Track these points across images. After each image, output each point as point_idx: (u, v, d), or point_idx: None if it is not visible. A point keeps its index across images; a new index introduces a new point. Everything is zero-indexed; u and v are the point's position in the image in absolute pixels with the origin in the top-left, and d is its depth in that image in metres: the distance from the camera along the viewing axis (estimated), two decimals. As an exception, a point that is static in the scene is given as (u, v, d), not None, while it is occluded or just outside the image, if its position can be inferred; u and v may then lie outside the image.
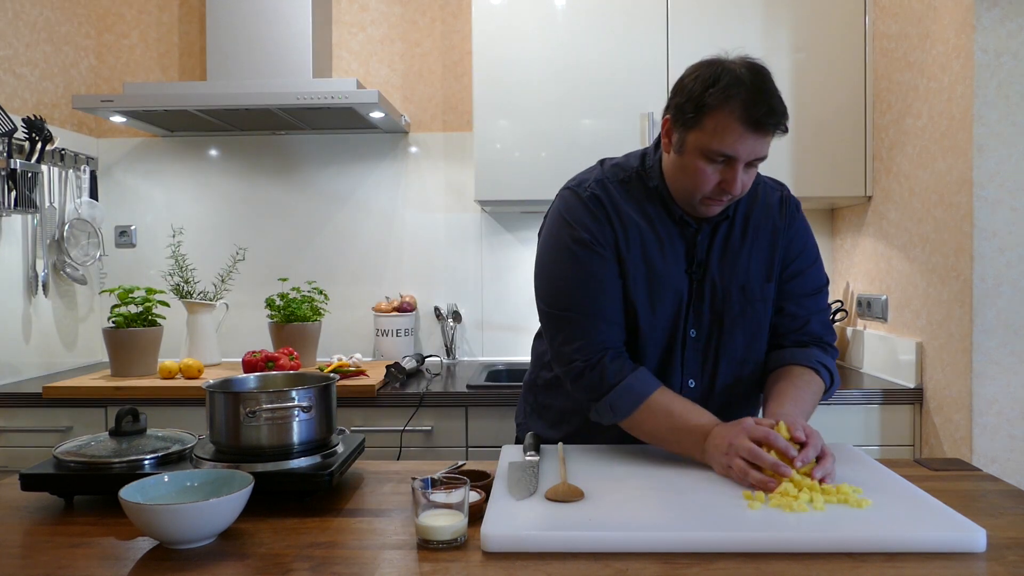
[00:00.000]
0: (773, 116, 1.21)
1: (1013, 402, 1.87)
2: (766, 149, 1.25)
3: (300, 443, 1.20)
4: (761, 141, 1.23)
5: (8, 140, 2.30)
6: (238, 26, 2.60)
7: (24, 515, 1.14)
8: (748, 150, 1.22)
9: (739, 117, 1.19)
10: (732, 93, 1.20)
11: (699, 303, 1.37)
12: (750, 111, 1.19)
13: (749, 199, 1.41)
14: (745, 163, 1.24)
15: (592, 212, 1.35)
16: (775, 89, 1.23)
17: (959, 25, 1.92)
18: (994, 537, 0.98)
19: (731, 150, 1.22)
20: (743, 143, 1.21)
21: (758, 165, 1.28)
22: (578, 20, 2.46)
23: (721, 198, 1.28)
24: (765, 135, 1.22)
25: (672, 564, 0.93)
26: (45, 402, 2.24)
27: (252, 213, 2.88)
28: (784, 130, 1.24)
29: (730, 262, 1.37)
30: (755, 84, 1.21)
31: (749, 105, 1.19)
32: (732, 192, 1.26)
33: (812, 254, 1.45)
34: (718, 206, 1.30)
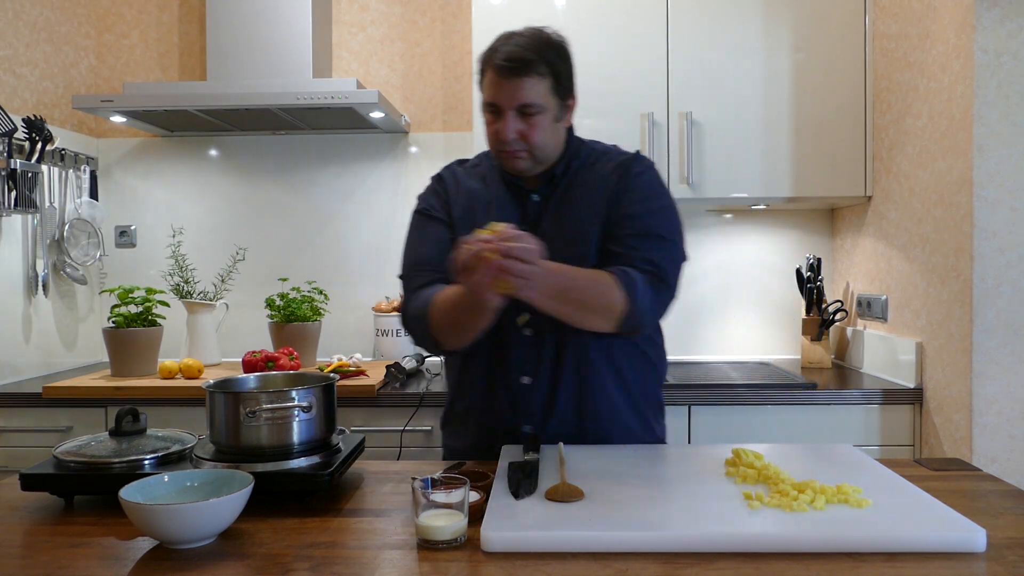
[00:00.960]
0: (512, 59, 1.32)
1: (1013, 402, 1.87)
2: (530, 95, 1.34)
3: (300, 443, 1.20)
4: (517, 86, 1.33)
5: (8, 140, 2.30)
6: (238, 26, 2.60)
7: (24, 515, 1.14)
8: (506, 96, 1.34)
9: (492, 66, 1.35)
10: (490, 48, 1.37)
11: None
12: (495, 58, 1.34)
13: (590, 167, 1.46)
14: (515, 111, 1.34)
15: (432, 188, 1.54)
16: (531, 39, 1.35)
17: (959, 25, 1.92)
18: (994, 537, 0.98)
19: (491, 98, 1.36)
20: (499, 90, 1.35)
21: (537, 115, 1.35)
22: (578, 20, 2.46)
23: (509, 149, 1.37)
24: (516, 78, 1.33)
25: (672, 564, 0.93)
26: (45, 402, 2.24)
27: (252, 213, 2.88)
28: (544, 76, 1.34)
29: (564, 215, 1.42)
30: (508, 36, 1.36)
31: (495, 53, 1.35)
32: (503, 138, 1.35)
33: (645, 204, 1.42)
34: (516, 160, 1.39)
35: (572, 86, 1.42)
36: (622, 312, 1.30)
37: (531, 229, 1.37)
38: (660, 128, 2.44)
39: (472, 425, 1.49)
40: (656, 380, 1.54)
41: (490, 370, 1.45)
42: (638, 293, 1.30)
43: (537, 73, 1.33)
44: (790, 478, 1.14)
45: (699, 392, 2.18)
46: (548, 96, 1.36)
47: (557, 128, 1.41)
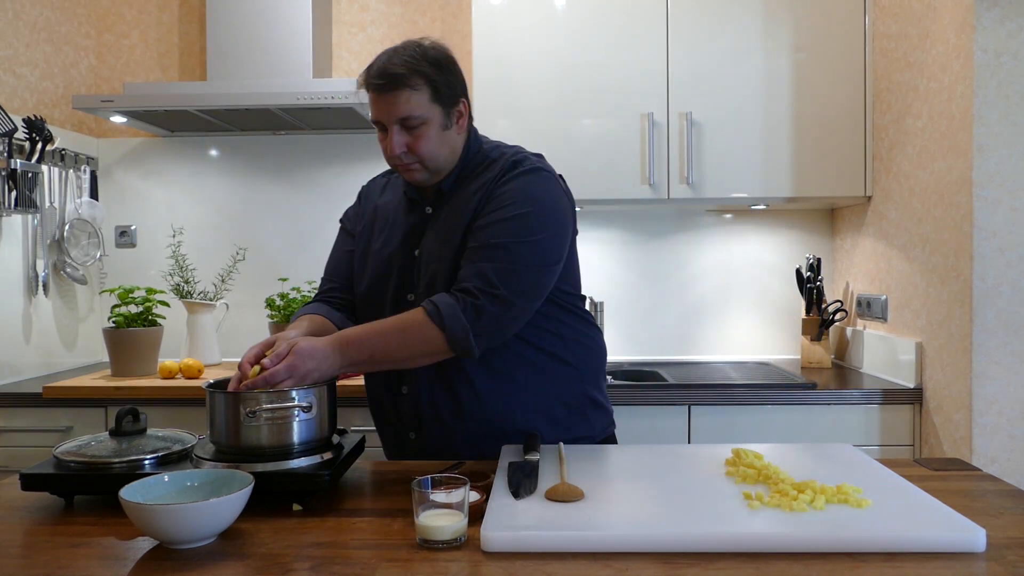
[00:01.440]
0: (381, 76, 1.33)
1: (1013, 402, 1.87)
2: (406, 109, 1.34)
3: (300, 443, 1.20)
4: (391, 101, 1.34)
5: (8, 140, 2.30)
6: (238, 26, 2.60)
7: (24, 515, 1.14)
8: (384, 111, 1.36)
9: (367, 86, 1.37)
10: (367, 66, 1.38)
11: (416, 269, 1.44)
12: (369, 78, 1.36)
13: (474, 175, 1.45)
14: (398, 125, 1.36)
15: (356, 201, 1.63)
16: (403, 54, 1.35)
17: (959, 25, 1.92)
18: (994, 537, 0.98)
19: (374, 115, 1.39)
20: (376, 106, 1.37)
21: (422, 127, 1.36)
22: (578, 20, 2.46)
23: (400, 162, 1.39)
24: (388, 93, 1.34)
25: (672, 564, 0.93)
26: (45, 402, 2.24)
27: (252, 213, 2.88)
28: (413, 87, 1.34)
29: (448, 227, 1.41)
30: (384, 52, 1.37)
31: (370, 72, 1.36)
32: (391, 152, 1.38)
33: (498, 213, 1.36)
34: (410, 172, 1.41)
35: (456, 94, 1.40)
36: (443, 344, 1.29)
37: (417, 245, 1.45)
38: (660, 128, 2.44)
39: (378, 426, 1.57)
40: (576, 378, 1.49)
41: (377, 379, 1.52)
42: (447, 320, 1.28)
43: (409, 86, 1.33)
44: (790, 478, 1.14)
45: (699, 392, 2.18)
46: (428, 106, 1.36)
47: (447, 136, 1.40)
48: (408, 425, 1.47)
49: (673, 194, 2.45)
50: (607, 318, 2.82)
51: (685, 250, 2.82)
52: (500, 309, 1.31)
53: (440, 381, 1.43)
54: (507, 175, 1.40)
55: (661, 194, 2.45)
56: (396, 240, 1.48)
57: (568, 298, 1.49)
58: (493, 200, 1.38)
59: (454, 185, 1.46)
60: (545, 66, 2.45)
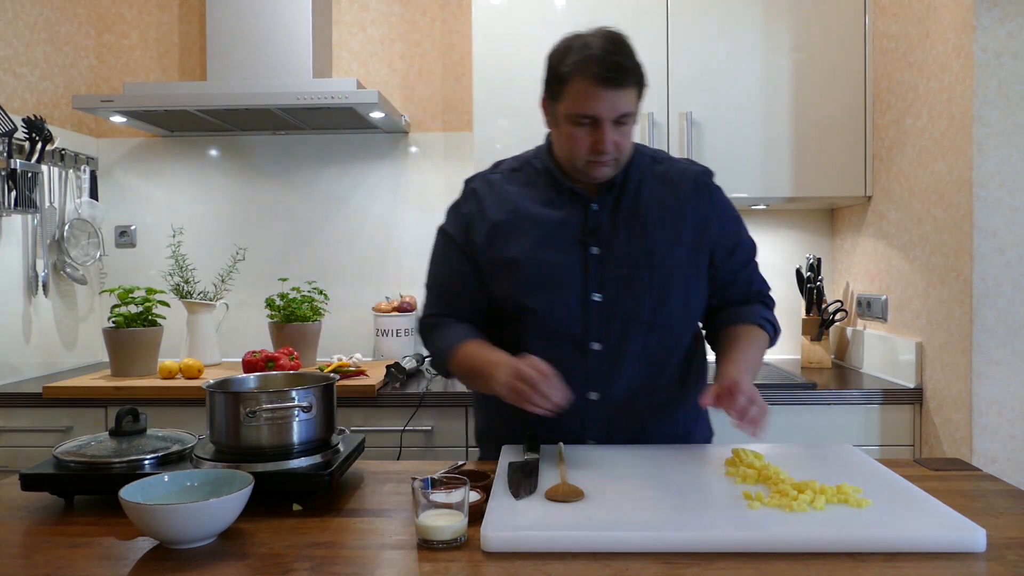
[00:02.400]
0: (620, 71, 1.28)
1: (1013, 402, 1.87)
2: (629, 105, 1.31)
3: (300, 443, 1.20)
4: (618, 97, 1.29)
5: (8, 140, 2.30)
6: (238, 26, 2.60)
7: (24, 515, 1.14)
8: (608, 107, 1.29)
9: (591, 78, 1.28)
10: (582, 57, 1.30)
11: (600, 270, 1.39)
12: (599, 70, 1.27)
13: (652, 172, 1.44)
14: (611, 122, 1.30)
15: (460, 211, 1.48)
16: (625, 48, 1.32)
17: (959, 25, 1.92)
18: (994, 537, 0.98)
19: (591, 110, 1.30)
20: (600, 102, 1.29)
21: (630, 123, 1.33)
22: (578, 20, 2.43)
23: (600, 159, 1.33)
24: (619, 90, 1.29)
25: (672, 564, 0.93)
26: (45, 402, 2.24)
27: (252, 213, 2.88)
28: (640, 84, 1.32)
29: (638, 230, 1.40)
30: (603, 46, 1.30)
31: (598, 63, 1.28)
32: (603, 151, 1.32)
33: (726, 217, 1.48)
34: (602, 168, 1.35)
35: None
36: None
37: (596, 242, 1.39)
38: (660, 128, 2.44)
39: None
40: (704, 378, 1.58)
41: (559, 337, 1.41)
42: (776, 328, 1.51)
43: (635, 83, 1.31)
44: (790, 478, 1.14)
45: (699, 392, 2.18)
46: (637, 103, 1.34)
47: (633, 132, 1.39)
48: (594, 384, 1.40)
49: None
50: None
51: (685, 250, 2.82)
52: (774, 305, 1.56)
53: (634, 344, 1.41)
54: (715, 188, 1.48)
55: (661, 194, 2.44)
56: (568, 239, 1.39)
57: None
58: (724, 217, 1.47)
59: (625, 181, 1.42)
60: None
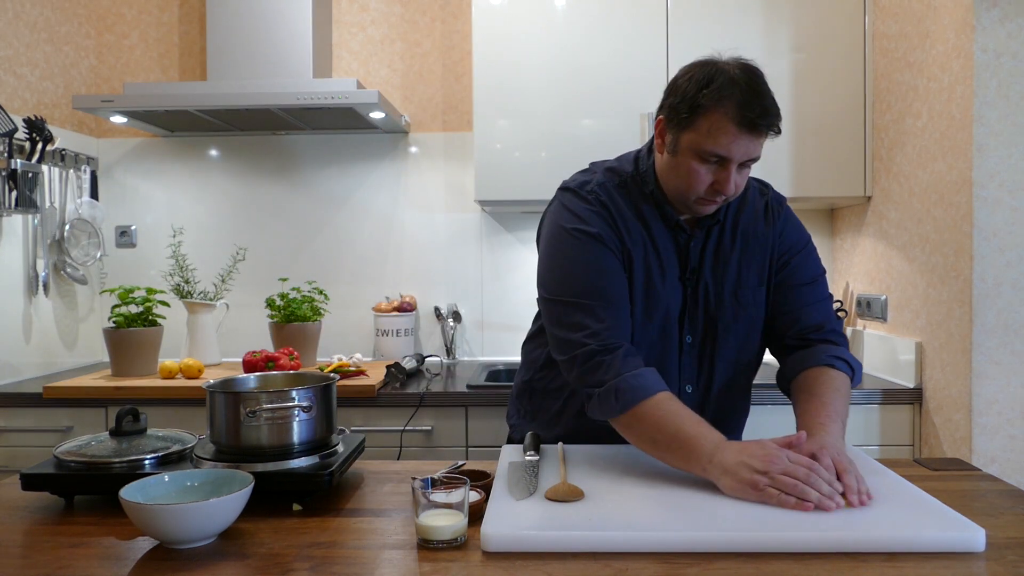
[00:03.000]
0: (767, 117, 1.21)
1: (1013, 402, 1.87)
2: (759, 150, 1.26)
3: (300, 443, 1.20)
4: (754, 142, 1.23)
5: (9, 140, 2.30)
6: (238, 26, 2.60)
7: (24, 515, 1.14)
8: (742, 151, 1.23)
9: (733, 118, 1.20)
10: (726, 93, 1.20)
11: (694, 309, 1.38)
12: (744, 112, 1.19)
13: (738, 204, 1.41)
14: (738, 164, 1.25)
15: (597, 211, 1.34)
16: (768, 90, 1.23)
17: (959, 25, 1.92)
18: (994, 537, 0.98)
19: (725, 151, 1.22)
20: (737, 144, 1.21)
21: (751, 166, 1.29)
22: (578, 20, 2.46)
23: (715, 198, 1.29)
24: (759, 136, 1.23)
25: (672, 564, 0.93)
26: (45, 402, 2.24)
27: (252, 213, 2.88)
28: (777, 131, 1.25)
29: (722, 267, 1.37)
30: (749, 85, 1.21)
31: (743, 106, 1.19)
32: (725, 192, 1.26)
33: (800, 246, 1.43)
34: (712, 206, 1.31)
35: None
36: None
37: (692, 276, 1.37)
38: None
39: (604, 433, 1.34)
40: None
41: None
42: (856, 371, 1.38)
43: (778, 130, 1.25)
44: None
45: (699, 392, 2.17)
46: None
47: None
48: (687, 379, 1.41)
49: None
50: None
51: (685, 250, 2.82)
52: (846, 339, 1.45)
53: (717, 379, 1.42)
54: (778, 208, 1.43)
55: (661, 194, 2.44)
56: (674, 275, 1.36)
57: None
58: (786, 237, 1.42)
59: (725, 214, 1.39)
60: (545, 66, 2.45)
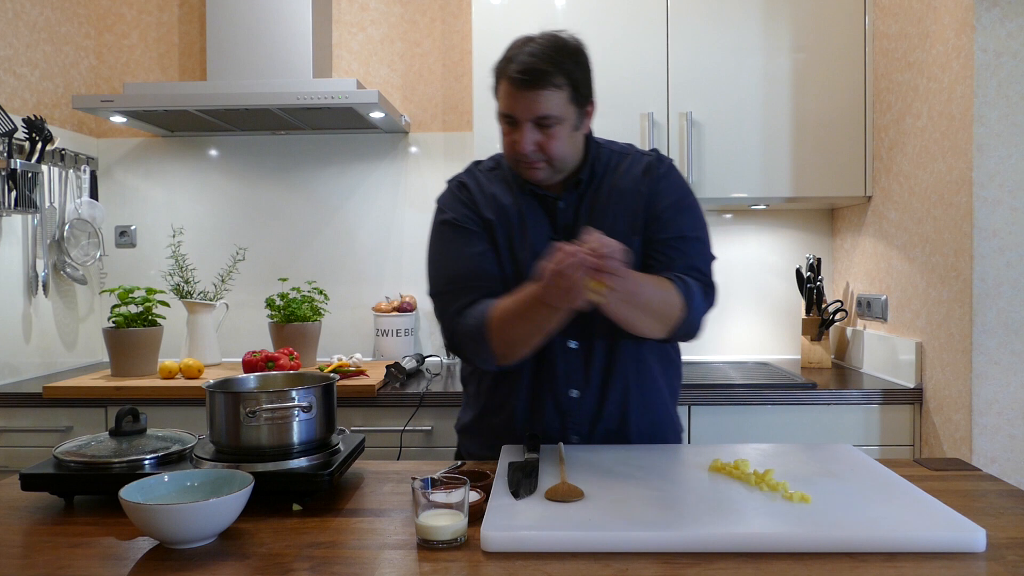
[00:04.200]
0: (532, 72, 1.28)
1: (1013, 402, 1.87)
2: (546, 107, 1.30)
3: (300, 443, 1.20)
4: (532, 98, 1.29)
5: (8, 140, 2.30)
6: (238, 26, 2.60)
7: (24, 515, 1.14)
8: (523, 108, 1.30)
9: (507, 78, 1.31)
10: (506, 57, 1.32)
11: None
12: (512, 69, 1.29)
13: (617, 165, 1.44)
14: (532, 123, 1.31)
15: (457, 196, 1.46)
16: (552, 50, 1.30)
17: (959, 25, 1.92)
18: (994, 537, 0.98)
19: (509, 110, 1.32)
20: (515, 102, 1.31)
21: (555, 126, 1.32)
22: (578, 20, 2.46)
23: (525, 160, 1.34)
24: (531, 90, 1.29)
25: (672, 564, 0.93)
26: (45, 402, 2.24)
27: (252, 213, 2.88)
28: (554, 86, 1.29)
29: (596, 223, 1.39)
30: (524, 46, 1.31)
31: (512, 64, 1.30)
32: (521, 150, 1.32)
33: (673, 202, 1.42)
34: (533, 171, 1.36)
35: (591, 92, 1.38)
36: (679, 319, 1.31)
37: (565, 238, 1.38)
38: (660, 128, 2.44)
39: (507, 436, 1.45)
40: (679, 375, 1.58)
41: (536, 383, 1.43)
42: (694, 301, 1.32)
43: (554, 84, 1.29)
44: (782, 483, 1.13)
45: (699, 392, 2.18)
46: (566, 106, 1.32)
47: (576, 136, 1.38)
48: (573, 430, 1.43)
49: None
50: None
51: (685, 250, 2.82)
52: (713, 300, 1.40)
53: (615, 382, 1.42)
54: (660, 168, 1.43)
55: (661, 194, 2.44)
56: (541, 236, 1.41)
57: None
58: (662, 194, 1.41)
59: (591, 180, 1.43)
60: (545, 66, 2.45)
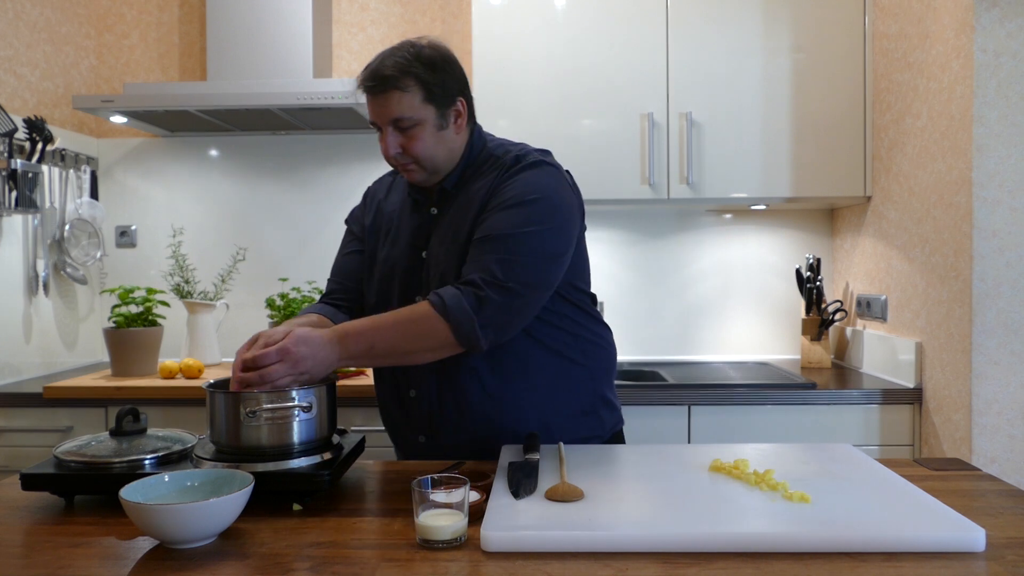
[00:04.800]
0: (374, 78, 1.34)
1: (1013, 402, 1.87)
2: (398, 110, 1.34)
3: (300, 443, 1.20)
4: (381, 102, 1.35)
5: (9, 140, 2.30)
6: (238, 26, 2.60)
7: (24, 515, 1.14)
8: (376, 112, 1.37)
9: (361, 86, 1.37)
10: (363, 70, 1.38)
11: (425, 272, 1.43)
12: (361, 78, 1.37)
13: (479, 174, 1.44)
14: (391, 126, 1.36)
15: (363, 200, 1.63)
16: (396, 56, 1.35)
17: (959, 25, 1.92)
18: (993, 537, 0.99)
19: (369, 115, 1.39)
20: (370, 107, 1.38)
21: (415, 128, 1.36)
22: (578, 20, 2.46)
23: (399, 163, 1.40)
24: (379, 95, 1.35)
25: (672, 564, 0.93)
26: (45, 402, 2.24)
27: (252, 213, 2.88)
28: (403, 88, 1.33)
29: (454, 227, 1.40)
30: (377, 58, 1.37)
31: (363, 74, 1.37)
32: (386, 152, 1.38)
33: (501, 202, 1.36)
34: (406, 172, 1.42)
35: (451, 94, 1.39)
36: (449, 336, 1.27)
37: (424, 247, 1.44)
38: (660, 128, 2.44)
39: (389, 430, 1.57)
40: (588, 377, 1.49)
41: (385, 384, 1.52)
42: (452, 311, 1.26)
43: (399, 88, 1.33)
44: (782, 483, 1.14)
45: (699, 392, 2.18)
46: (421, 107, 1.35)
47: (444, 136, 1.39)
48: (418, 429, 1.47)
49: (673, 194, 2.45)
50: (607, 318, 2.82)
51: (685, 250, 2.83)
52: (506, 299, 1.28)
53: (450, 384, 1.42)
54: (510, 170, 1.40)
55: (661, 194, 2.45)
56: (403, 243, 1.47)
57: (578, 295, 1.48)
58: (496, 195, 1.38)
59: (458, 184, 1.45)
60: (545, 66, 2.46)
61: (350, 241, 1.60)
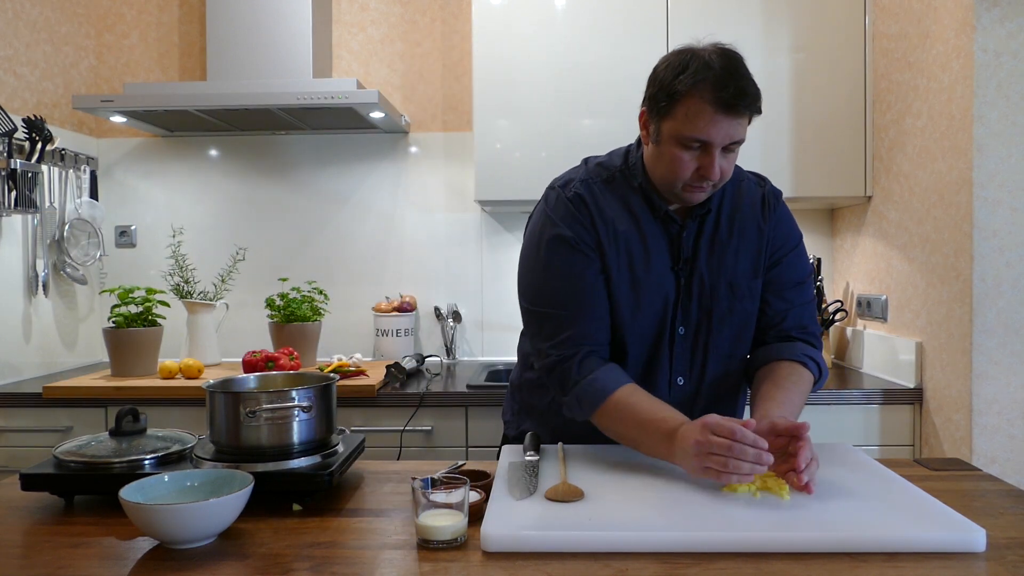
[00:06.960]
0: (743, 97, 1.21)
1: (1013, 402, 1.87)
2: (741, 132, 1.24)
3: (300, 443, 1.20)
4: (734, 124, 1.22)
5: (8, 140, 2.30)
6: (238, 26, 2.60)
7: (24, 515, 1.14)
8: (722, 134, 1.22)
9: (709, 100, 1.20)
10: (701, 77, 1.21)
11: (687, 300, 1.37)
12: (719, 93, 1.19)
13: (734, 195, 1.40)
14: (721, 147, 1.24)
15: (574, 212, 1.34)
16: (746, 71, 1.25)
17: (959, 25, 1.92)
18: (994, 537, 0.98)
19: (704, 135, 1.22)
20: (715, 127, 1.21)
21: (736, 150, 1.27)
22: (578, 20, 2.46)
23: (702, 184, 1.27)
24: (736, 117, 1.22)
25: (672, 564, 0.93)
26: (45, 402, 2.24)
27: (252, 213, 2.88)
28: (757, 111, 1.25)
29: (717, 258, 1.37)
30: (724, 67, 1.21)
31: (718, 87, 1.20)
32: (711, 177, 1.25)
33: (792, 244, 1.43)
34: (700, 193, 1.29)
35: None
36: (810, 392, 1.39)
37: (686, 267, 1.35)
38: (660, 128, 2.44)
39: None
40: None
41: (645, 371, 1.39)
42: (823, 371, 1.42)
43: (756, 108, 1.24)
44: None
45: (699, 392, 2.17)
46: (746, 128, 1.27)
47: None
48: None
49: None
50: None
51: (685, 250, 2.82)
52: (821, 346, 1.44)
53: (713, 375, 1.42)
54: (774, 202, 1.42)
55: (661, 194, 2.44)
56: (663, 265, 1.35)
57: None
58: (779, 232, 1.41)
59: (719, 205, 1.38)
60: (545, 66, 2.45)
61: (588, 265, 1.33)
